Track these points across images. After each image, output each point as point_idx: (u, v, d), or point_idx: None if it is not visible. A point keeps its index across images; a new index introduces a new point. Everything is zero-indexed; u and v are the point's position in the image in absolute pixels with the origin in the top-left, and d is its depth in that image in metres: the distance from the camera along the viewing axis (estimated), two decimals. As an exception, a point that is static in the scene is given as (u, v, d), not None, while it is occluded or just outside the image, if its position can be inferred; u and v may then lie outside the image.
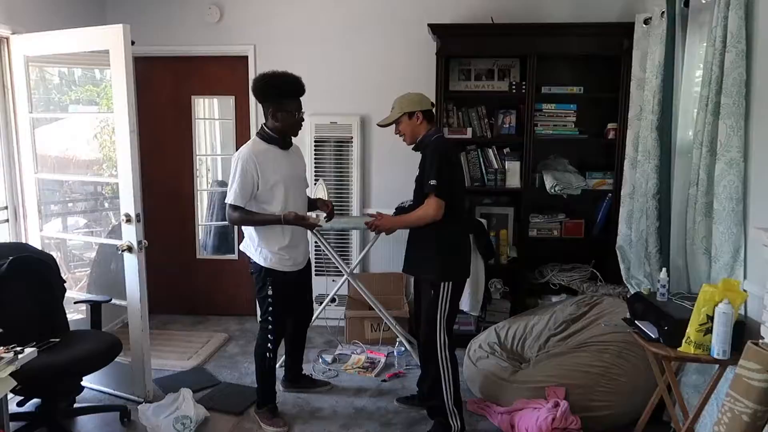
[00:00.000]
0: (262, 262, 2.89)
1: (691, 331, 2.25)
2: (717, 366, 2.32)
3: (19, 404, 2.94)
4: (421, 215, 2.74)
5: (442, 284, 2.77)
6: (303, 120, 2.94)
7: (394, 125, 2.90)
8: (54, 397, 2.87)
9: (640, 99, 3.27)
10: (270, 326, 2.94)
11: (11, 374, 2.12)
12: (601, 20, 3.77)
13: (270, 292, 2.90)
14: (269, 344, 2.95)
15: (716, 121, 2.51)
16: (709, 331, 2.22)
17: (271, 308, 2.92)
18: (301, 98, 2.89)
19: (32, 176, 3.44)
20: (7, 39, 3.33)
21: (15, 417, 2.76)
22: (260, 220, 2.85)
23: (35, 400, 2.95)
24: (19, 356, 2.17)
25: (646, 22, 3.27)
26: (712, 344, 2.21)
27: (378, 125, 2.97)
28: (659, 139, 3.01)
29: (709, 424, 2.47)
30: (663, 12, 2.98)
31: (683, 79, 3.00)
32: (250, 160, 2.80)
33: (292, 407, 3.21)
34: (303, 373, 3.45)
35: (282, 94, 2.84)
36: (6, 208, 3.45)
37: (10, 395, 2.26)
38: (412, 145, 2.90)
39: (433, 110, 2.92)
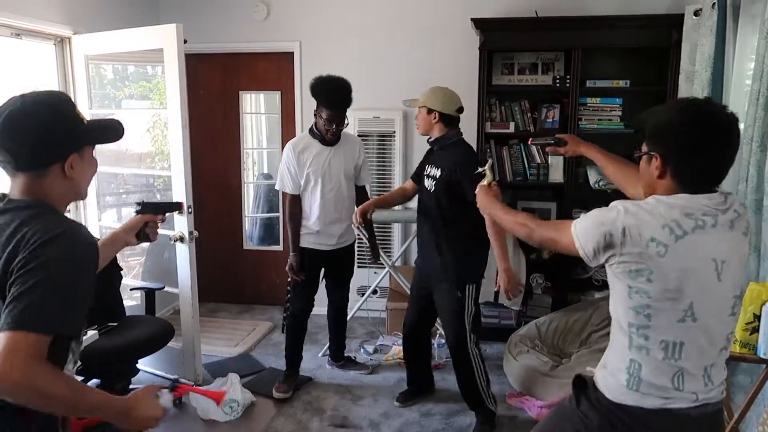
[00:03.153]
0: None
1: (737, 329, 2.22)
2: (764, 366, 2.28)
3: None
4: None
5: (468, 287, 2.81)
6: (337, 130, 3.08)
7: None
8: (112, 378, 3.04)
9: (688, 92, 3.21)
10: (288, 299, 3.28)
11: (75, 355, 2.26)
12: (650, 12, 3.69)
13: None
14: (288, 318, 3.37)
15: (767, 116, 2.45)
16: (756, 330, 2.18)
17: (289, 281, 3.27)
18: (343, 109, 3.04)
19: (92, 169, 3.62)
20: (69, 39, 3.52)
21: None
22: (291, 233, 3.22)
23: (94, 381, 3.13)
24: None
25: (696, 13, 3.19)
26: (759, 343, 2.18)
27: (403, 102, 3.07)
28: (708, 134, 2.95)
29: (755, 425, 2.43)
30: (714, 3, 2.91)
31: (734, 73, 2.93)
32: (289, 150, 3.13)
33: (334, 393, 3.31)
34: (346, 355, 3.65)
35: (323, 101, 3.02)
36: (67, 199, 3.65)
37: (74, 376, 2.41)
38: (425, 136, 2.93)
39: (458, 116, 2.85)
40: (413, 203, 4.28)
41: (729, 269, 1.40)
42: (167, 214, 1.89)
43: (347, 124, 3.12)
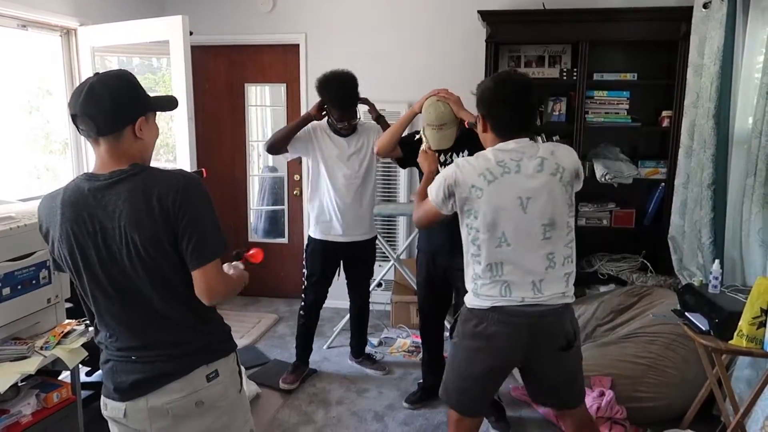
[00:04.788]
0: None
1: (744, 324, 2.22)
2: (770, 360, 2.27)
3: (88, 374, 3.15)
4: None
5: None
6: (350, 126, 3.09)
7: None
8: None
9: (697, 86, 3.18)
10: (303, 290, 3.32)
11: (82, 345, 2.29)
12: (658, 5, 3.66)
13: (305, 257, 3.28)
14: (301, 309, 3.37)
15: (777, 109, 2.44)
16: (763, 324, 2.18)
17: (305, 271, 3.28)
18: (352, 106, 3.04)
19: (98, 161, 3.63)
20: (75, 31, 3.52)
21: (84, 386, 2.94)
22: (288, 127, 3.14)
23: (100, 372, 3.15)
24: (90, 329, 2.34)
25: (706, 6, 3.16)
26: (766, 338, 2.17)
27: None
28: (716, 128, 2.93)
29: (761, 419, 2.42)
30: (723, -4, 2.89)
31: (743, 66, 2.90)
32: (312, 127, 3.15)
33: (339, 386, 3.32)
34: (366, 352, 3.64)
35: (330, 101, 3.02)
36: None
37: (81, 365, 2.43)
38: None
39: None
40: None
41: (535, 203, 1.86)
42: None
43: (360, 117, 3.11)
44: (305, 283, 3.33)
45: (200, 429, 1.51)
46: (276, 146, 3.10)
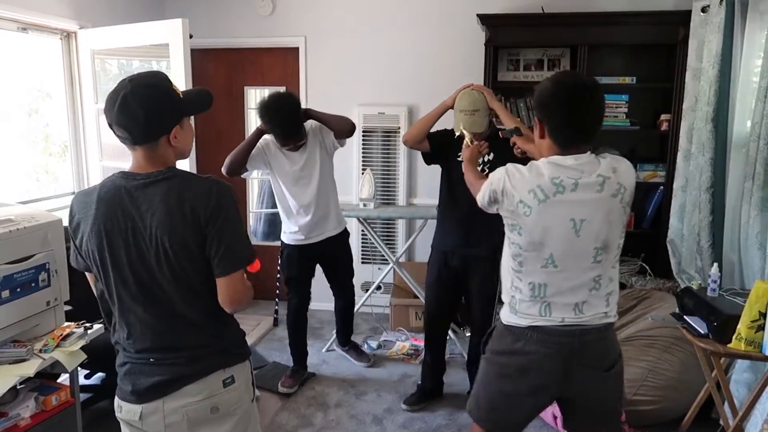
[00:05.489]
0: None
1: (742, 327, 2.22)
2: (769, 364, 2.28)
3: (87, 377, 3.15)
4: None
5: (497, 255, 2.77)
6: (296, 147, 3.07)
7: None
8: (117, 372, 3.05)
9: (695, 90, 3.19)
10: (287, 295, 3.34)
11: (81, 348, 2.29)
12: (657, 8, 3.67)
13: (279, 264, 3.29)
14: (288, 314, 3.37)
15: (775, 113, 2.44)
16: (761, 328, 2.18)
17: (281, 276, 3.32)
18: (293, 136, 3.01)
19: (98, 164, 3.64)
20: (75, 33, 3.53)
21: (83, 389, 2.95)
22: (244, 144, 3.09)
23: (101, 374, 3.16)
24: (89, 332, 2.34)
25: (704, 10, 3.17)
26: (764, 341, 2.17)
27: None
28: (715, 131, 2.94)
29: (759, 422, 2.43)
30: (722, 0, 2.90)
31: (741, 70, 2.91)
32: (265, 142, 3.12)
33: (338, 389, 3.32)
34: (353, 341, 3.71)
35: (269, 128, 3.00)
36: (74, 193, 3.66)
37: (79, 368, 2.42)
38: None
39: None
40: (416, 200, 4.30)
41: (590, 226, 1.68)
42: None
43: (306, 138, 3.07)
44: (286, 288, 3.37)
45: None
46: (234, 167, 3.05)
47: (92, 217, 1.43)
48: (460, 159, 2.66)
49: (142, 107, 1.39)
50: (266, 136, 3.09)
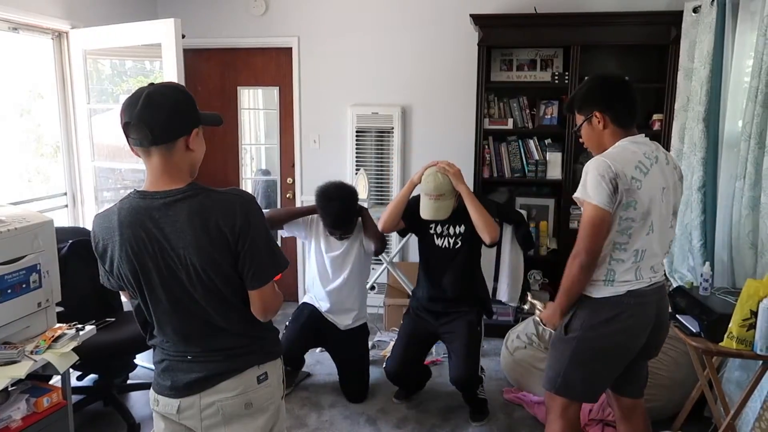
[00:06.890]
0: None
1: (734, 326, 2.23)
2: (760, 362, 2.29)
3: (79, 378, 3.13)
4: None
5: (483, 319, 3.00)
6: (344, 237, 3.16)
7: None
8: (110, 373, 3.05)
9: (687, 89, 3.21)
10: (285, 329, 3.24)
11: (73, 350, 2.27)
12: (649, 9, 3.69)
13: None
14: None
15: (765, 112, 2.47)
16: (753, 326, 2.19)
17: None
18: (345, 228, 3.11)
19: (90, 164, 3.62)
20: (67, 33, 3.51)
21: (75, 390, 2.94)
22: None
23: (93, 376, 3.14)
24: (80, 333, 2.32)
25: (696, 10, 3.19)
26: (756, 340, 2.18)
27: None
28: (706, 131, 2.95)
29: (751, 420, 2.44)
30: (713, 0, 2.91)
31: (732, 70, 2.93)
32: (313, 217, 3.25)
33: (331, 389, 3.31)
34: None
35: (323, 215, 3.07)
36: (66, 194, 3.65)
37: (71, 370, 2.41)
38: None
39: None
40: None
41: (669, 194, 1.98)
42: None
43: (352, 232, 3.15)
44: (285, 325, 3.27)
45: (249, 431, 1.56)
46: (271, 222, 3.08)
47: (118, 243, 1.43)
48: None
49: (168, 101, 1.40)
50: (315, 214, 3.18)
